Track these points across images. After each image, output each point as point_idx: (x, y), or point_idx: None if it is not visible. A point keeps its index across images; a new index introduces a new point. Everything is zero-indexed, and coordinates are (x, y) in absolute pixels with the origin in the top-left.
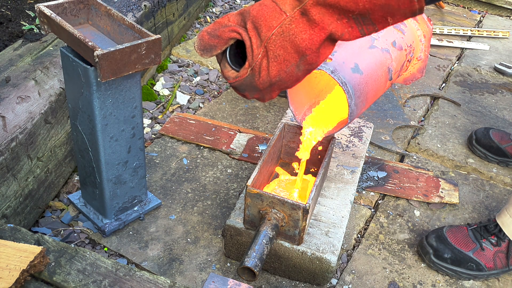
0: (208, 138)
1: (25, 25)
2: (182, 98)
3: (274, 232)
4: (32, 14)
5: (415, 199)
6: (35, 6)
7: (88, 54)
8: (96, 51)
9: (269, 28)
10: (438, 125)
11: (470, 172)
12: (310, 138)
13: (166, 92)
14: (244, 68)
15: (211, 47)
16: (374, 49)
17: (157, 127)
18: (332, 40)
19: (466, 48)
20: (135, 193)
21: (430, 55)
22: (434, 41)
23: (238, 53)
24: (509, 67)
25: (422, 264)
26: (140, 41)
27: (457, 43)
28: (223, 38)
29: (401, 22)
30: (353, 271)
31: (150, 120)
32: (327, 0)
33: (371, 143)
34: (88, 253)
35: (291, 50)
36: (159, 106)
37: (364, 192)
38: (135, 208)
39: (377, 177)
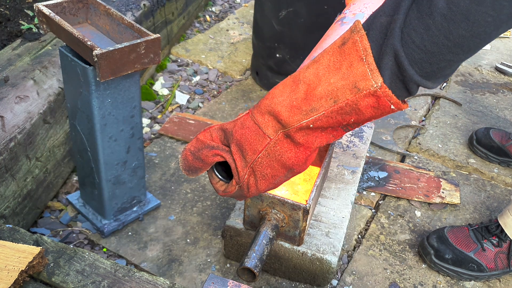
0: None
1: (24, 25)
2: (181, 98)
3: (274, 233)
4: (31, 14)
5: (416, 199)
6: (34, 5)
7: (87, 53)
8: (95, 51)
9: (254, 152)
10: (439, 125)
11: (471, 172)
12: None
13: (165, 91)
14: (231, 185)
15: (196, 169)
16: None
17: (156, 127)
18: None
19: None
20: (134, 193)
21: None
22: None
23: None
24: (510, 67)
25: (423, 265)
26: (139, 41)
27: None
28: (207, 163)
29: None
30: (354, 272)
31: (149, 120)
32: (310, 125)
33: (372, 143)
34: (87, 253)
35: (278, 167)
36: (158, 106)
37: (364, 192)
38: (134, 209)
39: (378, 177)
